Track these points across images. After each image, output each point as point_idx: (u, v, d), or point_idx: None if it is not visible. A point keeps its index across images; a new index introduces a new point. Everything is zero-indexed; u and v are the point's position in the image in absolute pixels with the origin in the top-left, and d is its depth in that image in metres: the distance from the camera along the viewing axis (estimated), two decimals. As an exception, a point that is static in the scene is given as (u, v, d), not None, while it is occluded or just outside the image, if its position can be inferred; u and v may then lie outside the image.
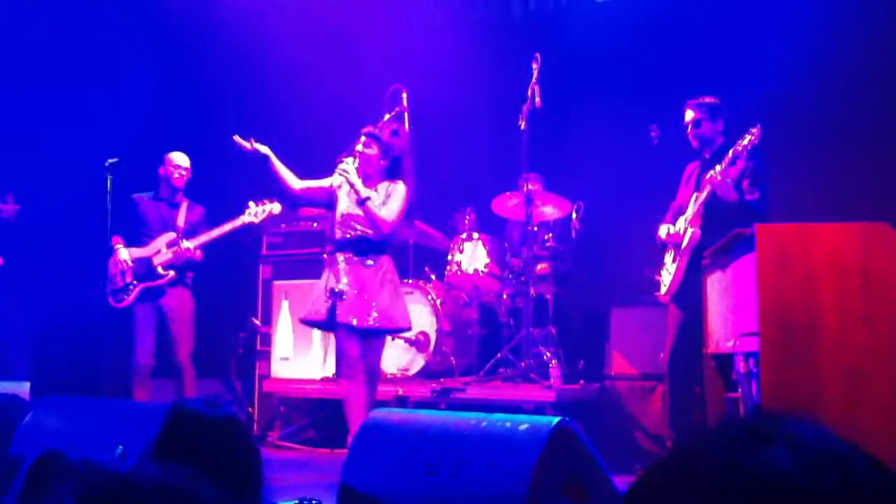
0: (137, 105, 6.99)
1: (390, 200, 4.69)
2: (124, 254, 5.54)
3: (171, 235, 5.60)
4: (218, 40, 7.38)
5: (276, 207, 5.54)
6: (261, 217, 5.51)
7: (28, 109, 6.61)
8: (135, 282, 5.52)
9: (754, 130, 4.28)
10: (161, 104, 7.17)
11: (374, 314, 4.56)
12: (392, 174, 4.80)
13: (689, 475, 0.73)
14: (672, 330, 4.77)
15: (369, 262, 4.67)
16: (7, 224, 6.13)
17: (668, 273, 4.76)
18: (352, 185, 4.64)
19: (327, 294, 4.61)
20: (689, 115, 4.72)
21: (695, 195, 4.61)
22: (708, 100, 4.71)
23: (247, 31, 7.44)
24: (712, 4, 6.24)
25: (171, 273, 5.54)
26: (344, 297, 4.56)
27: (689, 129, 4.72)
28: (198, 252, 5.60)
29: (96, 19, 7.04)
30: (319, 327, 5.06)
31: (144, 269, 5.55)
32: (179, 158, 5.73)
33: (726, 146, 4.48)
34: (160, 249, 5.58)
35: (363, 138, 4.76)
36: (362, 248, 4.68)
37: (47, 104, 6.72)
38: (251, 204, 5.53)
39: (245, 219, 5.50)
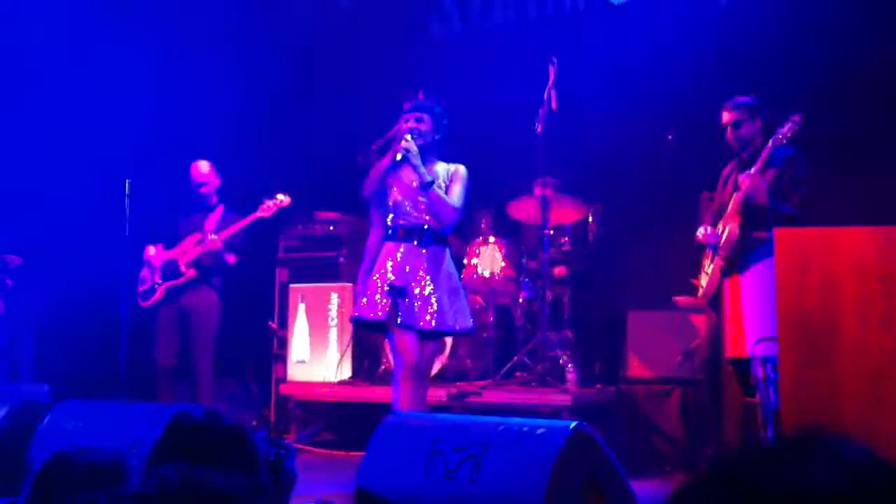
0: (156, 108, 7.01)
1: (454, 186, 4.18)
2: (152, 250, 5.75)
3: (198, 235, 5.73)
4: (240, 41, 7.44)
5: (285, 200, 5.73)
6: (272, 211, 5.70)
7: (47, 111, 6.64)
8: (160, 281, 5.70)
9: (796, 118, 4.09)
10: (181, 107, 7.19)
11: (431, 312, 4.07)
12: (444, 153, 4.30)
13: (735, 489, 0.72)
14: (707, 333, 4.70)
15: (429, 254, 4.16)
16: (21, 227, 6.18)
17: (706, 275, 4.69)
18: (415, 168, 4.11)
19: (385, 290, 4.08)
20: (727, 116, 4.56)
21: (734, 195, 4.51)
22: (744, 99, 4.57)
23: (266, 35, 7.47)
24: (729, 6, 6.20)
25: (192, 271, 5.64)
26: (405, 295, 4.05)
27: (728, 132, 4.57)
28: (230, 256, 5.72)
29: (109, 21, 7.06)
30: (373, 328, 4.35)
31: (170, 269, 5.73)
32: (199, 169, 5.90)
33: (765, 145, 4.34)
34: (186, 250, 5.74)
35: (416, 113, 4.23)
36: (422, 238, 4.16)
37: (66, 106, 6.75)
38: (265, 199, 5.72)
39: (258, 213, 5.69)
